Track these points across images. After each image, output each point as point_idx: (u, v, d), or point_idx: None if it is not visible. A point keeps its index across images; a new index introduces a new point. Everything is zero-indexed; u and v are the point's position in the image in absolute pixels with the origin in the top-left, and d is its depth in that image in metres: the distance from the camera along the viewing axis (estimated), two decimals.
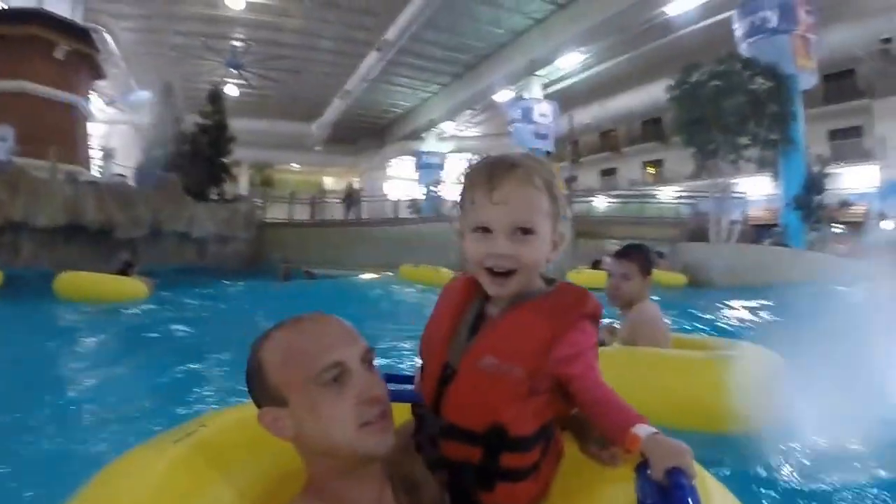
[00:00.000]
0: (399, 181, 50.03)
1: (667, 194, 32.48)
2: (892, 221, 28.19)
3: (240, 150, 34.79)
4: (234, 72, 36.89)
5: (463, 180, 1.54)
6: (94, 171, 24.50)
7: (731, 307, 12.59)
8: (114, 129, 40.83)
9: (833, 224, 24.65)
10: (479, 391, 1.44)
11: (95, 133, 33.31)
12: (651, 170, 43.20)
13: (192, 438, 1.51)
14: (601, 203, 32.65)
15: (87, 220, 17.35)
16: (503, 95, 37.60)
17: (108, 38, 32.15)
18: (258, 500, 1.49)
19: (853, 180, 29.58)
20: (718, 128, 20.25)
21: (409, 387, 1.75)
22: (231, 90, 37.86)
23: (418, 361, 1.64)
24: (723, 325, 10.01)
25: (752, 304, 12.88)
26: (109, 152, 25.17)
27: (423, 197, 36.40)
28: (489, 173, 1.46)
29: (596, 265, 17.81)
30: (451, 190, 32.35)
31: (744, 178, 22.31)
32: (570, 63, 33.72)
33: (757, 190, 23.29)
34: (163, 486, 1.35)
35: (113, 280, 11.30)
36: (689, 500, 1.13)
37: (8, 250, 16.00)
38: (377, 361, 1.40)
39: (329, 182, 52.41)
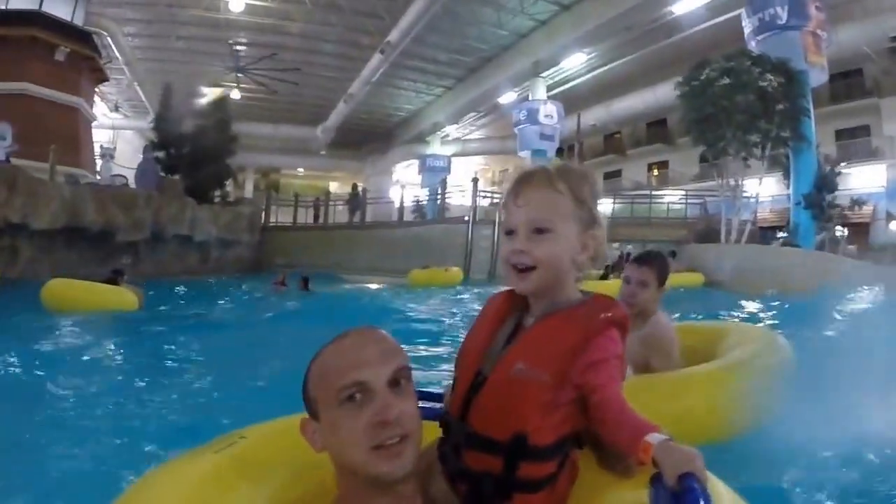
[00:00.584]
0: (405, 185, 49.84)
1: (674, 196, 32.15)
2: None
3: (245, 155, 34.60)
4: (238, 76, 36.71)
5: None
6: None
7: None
8: (120, 134, 40.94)
9: (844, 224, 24.25)
10: (506, 398, 1.49)
11: (101, 138, 33.22)
12: (656, 172, 42.96)
13: (231, 450, 1.61)
14: (606, 206, 32.21)
15: (86, 222, 16.88)
16: (507, 98, 37.48)
17: (111, 42, 32.01)
18: None
19: (860, 180, 29.18)
20: (729, 125, 20.07)
21: (439, 405, 1.76)
22: (234, 94, 37.67)
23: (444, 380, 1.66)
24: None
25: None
26: (108, 153, 24.88)
27: (427, 200, 36.20)
28: (516, 182, 1.59)
29: (605, 276, 17.50)
30: (455, 193, 32.11)
31: (751, 178, 21.95)
32: (575, 64, 33.51)
33: (763, 190, 22.96)
34: (201, 495, 1.41)
35: (102, 290, 10.72)
36: (701, 502, 1.14)
37: (6, 254, 15.54)
38: None
39: (335, 186, 52.18)
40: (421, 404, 1.45)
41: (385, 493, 1.36)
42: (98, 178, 22.89)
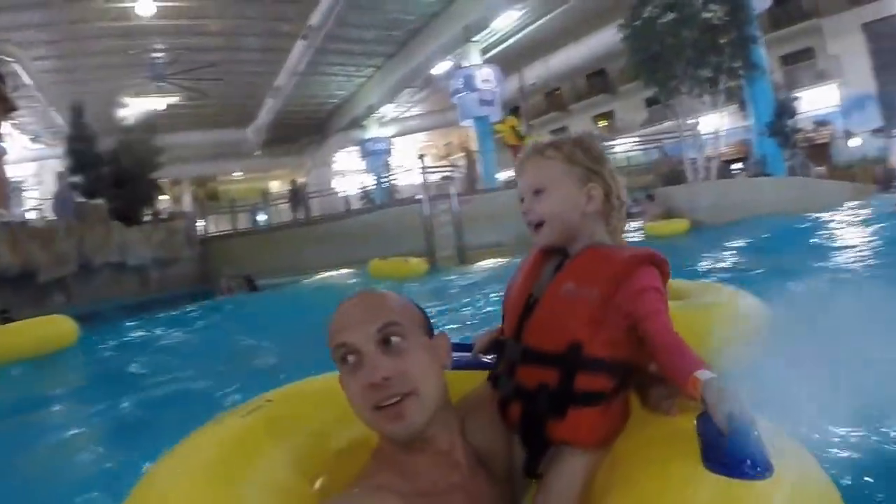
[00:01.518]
0: (349, 174, 48.97)
1: (626, 143, 31.78)
2: (859, 138, 29.40)
3: (178, 166, 33.03)
4: (159, 85, 34.97)
5: None
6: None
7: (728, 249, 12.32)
8: (44, 165, 39.07)
9: (808, 147, 24.70)
10: (559, 313, 1.63)
11: (25, 172, 31.56)
12: (602, 123, 42.86)
13: (259, 413, 1.63)
14: None
15: (2, 266, 15.22)
16: (441, 68, 36.24)
17: (18, 68, 30.01)
18: (322, 470, 1.57)
19: (812, 103, 29.34)
20: (678, 62, 19.45)
21: (468, 354, 1.86)
22: (158, 104, 35.98)
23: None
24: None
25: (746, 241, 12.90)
26: (15, 187, 23.14)
27: (374, 186, 35.25)
28: (517, 161, 1.87)
29: None
30: (402, 174, 31.20)
31: (705, 115, 21.55)
32: (507, 23, 32.41)
33: (717, 125, 22.73)
34: (232, 458, 1.43)
35: (32, 326, 9.12)
36: (750, 440, 1.19)
37: None
38: None
39: (276, 186, 50.84)
40: (456, 354, 1.60)
41: (418, 450, 1.41)
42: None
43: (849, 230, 13.23)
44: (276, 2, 29.77)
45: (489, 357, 1.85)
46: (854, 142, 29.54)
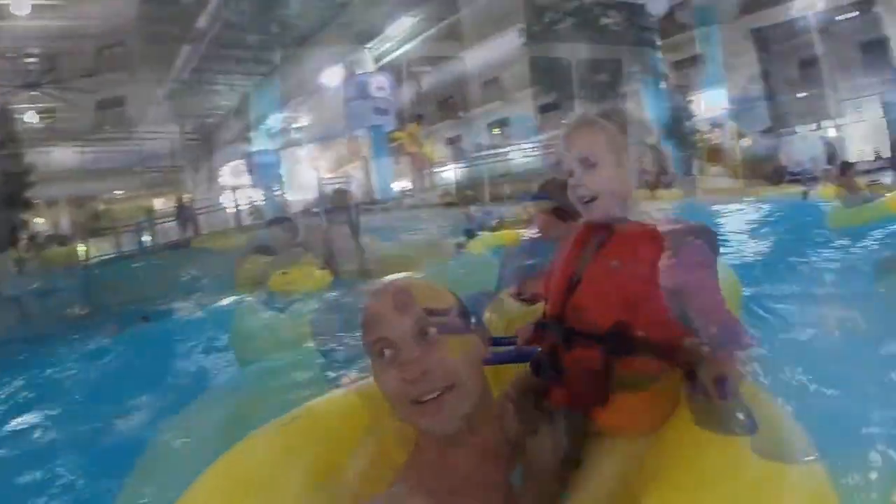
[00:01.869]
0: (237, 188, 47.83)
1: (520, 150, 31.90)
2: (749, 139, 29.99)
3: (54, 186, 31.25)
4: (32, 94, 32.87)
5: None
6: None
7: None
8: None
9: (703, 148, 25.91)
10: (603, 290, 1.60)
11: None
12: (496, 131, 42.52)
13: (298, 423, 1.69)
14: (448, 173, 32.90)
15: None
16: (334, 76, 35.41)
17: None
18: (361, 477, 1.54)
19: (704, 106, 29.67)
20: (577, 67, 19.90)
21: (512, 347, 1.81)
22: (31, 117, 33.86)
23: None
24: None
25: None
26: None
27: (265, 200, 34.22)
28: (564, 132, 1.80)
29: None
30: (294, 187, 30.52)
31: None
32: (402, 30, 31.99)
33: None
34: (275, 467, 1.50)
35: None
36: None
37: None
38: None
39: (160, 203, 48.99)
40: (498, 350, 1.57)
41: (458, 445, 1.36)
42: None
43: (749, 221, 14.05)
44: (162, 4, 28.81)
45: (533, 346, 1.76)
46: (745, 142, 30.48)
